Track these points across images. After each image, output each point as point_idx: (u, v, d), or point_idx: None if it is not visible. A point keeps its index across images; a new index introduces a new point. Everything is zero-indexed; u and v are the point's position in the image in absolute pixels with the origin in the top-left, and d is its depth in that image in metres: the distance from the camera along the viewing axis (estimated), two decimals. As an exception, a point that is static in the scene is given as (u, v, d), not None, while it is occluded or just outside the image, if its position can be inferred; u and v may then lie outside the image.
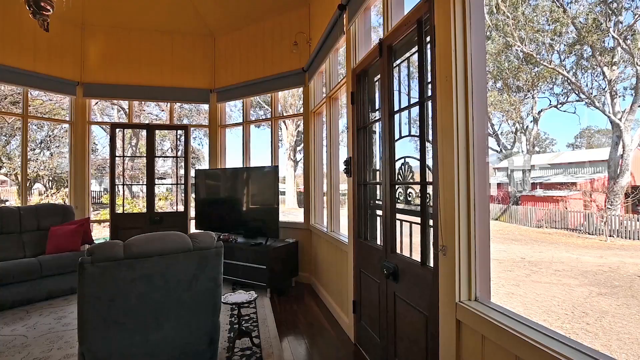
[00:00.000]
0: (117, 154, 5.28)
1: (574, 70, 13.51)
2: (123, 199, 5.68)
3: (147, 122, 12.40)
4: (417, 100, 1.89)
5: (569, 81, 13.68)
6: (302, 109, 4.86)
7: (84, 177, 5.27)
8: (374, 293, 2.44)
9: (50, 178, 14.56)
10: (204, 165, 14.26)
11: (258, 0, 4.59)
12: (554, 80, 14.40)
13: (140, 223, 5.23)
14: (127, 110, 12.95)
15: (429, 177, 1.78)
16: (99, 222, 6.23)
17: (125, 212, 5.55)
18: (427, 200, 1.83)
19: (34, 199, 12.96)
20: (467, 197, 1.47)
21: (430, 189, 1.78)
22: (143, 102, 12.29)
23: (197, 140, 15.69)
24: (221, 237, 4.64)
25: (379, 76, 2.44)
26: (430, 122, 1.77)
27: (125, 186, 13.75)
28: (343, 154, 3.37)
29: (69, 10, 4.11)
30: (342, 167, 3.10)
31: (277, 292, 4.16)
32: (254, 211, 4.59)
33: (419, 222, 1.87)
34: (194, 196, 5.30)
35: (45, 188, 14.64)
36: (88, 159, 5.35)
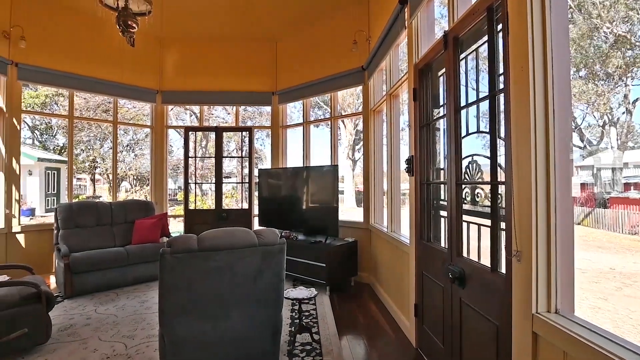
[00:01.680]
0: (190, 155, 5.75)
1: (680, 52, 11.49)
2: (195, 197, 6.17)
3: (215, 125, 13.30)
4: (487, 94, 1.77)
5: (673, 64, 11.69)
6: (360, 107, 4.83)
7: (162, 176, 5.83)
8: (437, 297, 2.33)
9: (135, 177, 16.40)
10: (266, 164, 14.89)
11: (317, 2, 4.66)
12: (653, 64, 12.37)
13: (209, 219, 5.64)
14: (197, 114, 14.05)
15: (501, 177, 1.65)
16: (174, 217, 6.85)
17: (196, 208, 6.02)
18: (499, 201, 1.70)
19: (121, 196, 14.70)
20: (546, 198, 1.33)
21: (502, 189, 1.65)
22: (212, 106, 13.22)
23: (259, 141, 16.44)
24: (282, 234, 4.80)
25: (443, 70, 2.33)
26: (502, 117, 1.64)
27: (196, 184, 14.96)
28: (404, 152, 3.28)
29: (150, 26, 4.57)
30: (403, 166, 3.01)
31: (336, 291, 4.19)
32: (314, 210, 4.68)
33: (489, 224, 1.75)
34: (257, 194, 5.57)
35: (131, 186, 16.55)
36: (166, 159, 5.91)
